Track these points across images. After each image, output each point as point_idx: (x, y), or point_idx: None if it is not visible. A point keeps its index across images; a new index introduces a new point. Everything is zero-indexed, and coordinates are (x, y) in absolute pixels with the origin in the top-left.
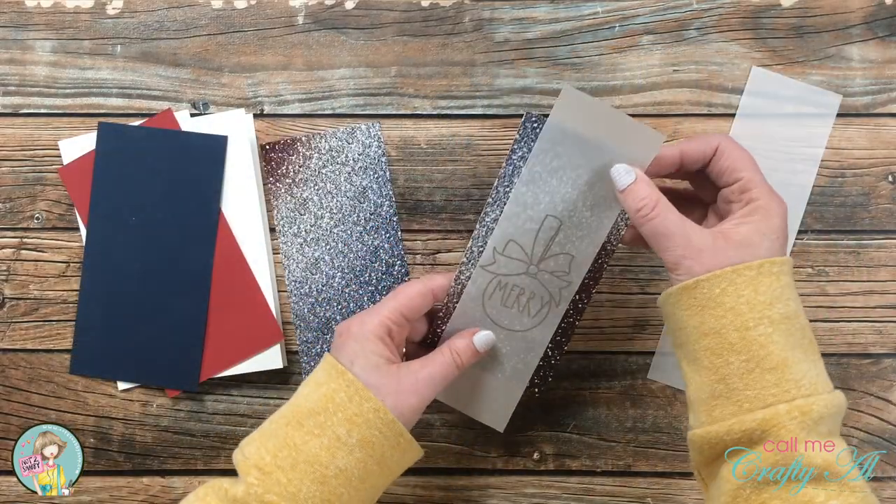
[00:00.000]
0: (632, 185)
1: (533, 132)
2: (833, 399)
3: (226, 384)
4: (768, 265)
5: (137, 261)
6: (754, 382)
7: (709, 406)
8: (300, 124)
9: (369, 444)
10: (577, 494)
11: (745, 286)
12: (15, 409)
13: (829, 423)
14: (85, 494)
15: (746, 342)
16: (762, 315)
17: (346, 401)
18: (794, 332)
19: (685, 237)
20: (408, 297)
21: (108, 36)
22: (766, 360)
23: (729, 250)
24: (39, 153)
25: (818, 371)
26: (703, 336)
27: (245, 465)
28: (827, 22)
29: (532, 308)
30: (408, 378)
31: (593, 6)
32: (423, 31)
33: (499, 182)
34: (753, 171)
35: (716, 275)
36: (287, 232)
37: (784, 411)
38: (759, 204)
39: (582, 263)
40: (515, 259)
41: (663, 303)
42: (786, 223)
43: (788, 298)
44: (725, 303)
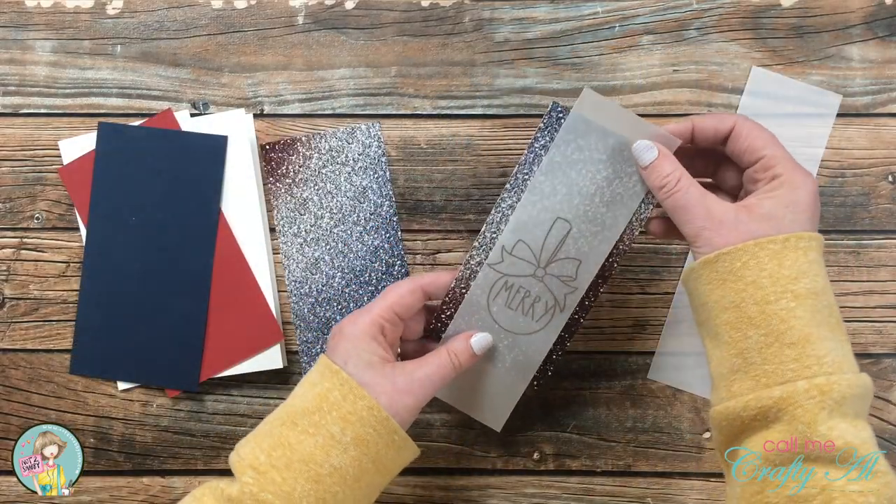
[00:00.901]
0: (655, 161)
1: (557, 122)
2: (858, 380)
3: (226, 384)
4: (794, 239)
5: (137, 261)
6: (773, 357)
7: (728, 381)
8: (300, 124)
9: (363, 443)
10: (577, 494)
11: (768, 260)
12: (15, 409)
13: (854, 405)
14: (85, 494)
15: (766, 316)
16: (785, 289)
17: (341, 399)
18: (821, 309)
19: (706, 209)
20: (398, 295)
21: (108, 36)
22: (786, 334)
23: (751, 223)
24: (39, 153)
25: (845, 351)
26: (724, 310)
27: (240, 465)
28: (827, 22)
29: (536, 311)
30: (403, 378)
31: (593, 6)
32: (423, 31)
33: (518, 169)
34: (775, 147)
35: (737, 248)
36: (287, 232)
37: (803, 389)
38: (784, 179)
39: (590, 269)
40: (523, 260)
41: (685, 279)
42: (815, 198)
43: (816, 274)
44: (746, 276)
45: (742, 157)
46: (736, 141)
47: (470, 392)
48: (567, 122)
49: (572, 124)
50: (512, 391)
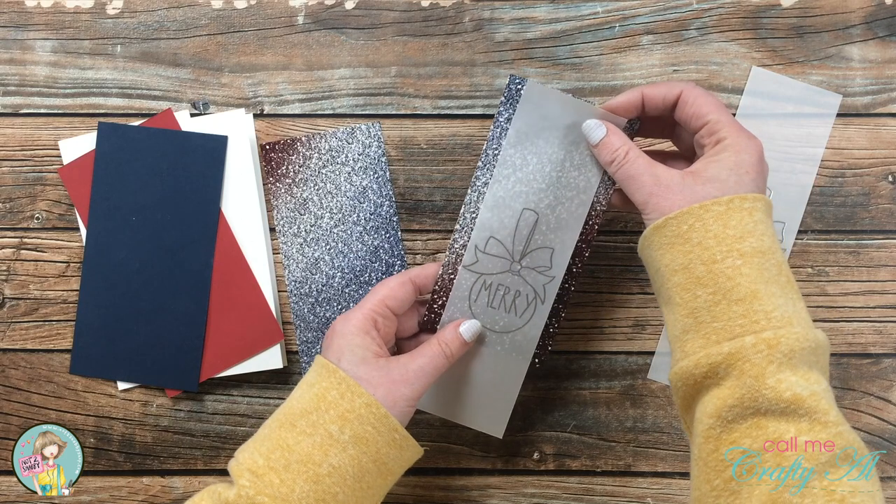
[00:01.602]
0: (604, 138)
1: (517, 94)
2: (807, 333)
3: (226, 384)
4: (739, 200)
5: (137, 261)
6: (721, 314)
7: (681, 342)
8: (300, 124)
9: (363, 441)
10: (577, 494)
11: (713, 221)
12: (15, 409)
13: (806, 357)
14: (85, 494)
15: (713, 275)
16: (731, 248)
17: (338, 398)
18: (769, 268)
19: (653, 176)
20: (389, 289)
21: (108, 36)
22: (733, 291)
23: (696, 186)
24: (39, 153)
25: (796, 308)
26: (674, 273)
27: (238, 469)
28: (827, 22)
29: (518, 307)
30: (398, 370)
31: (593, 6)
32: (423, 31)
33: (487, 145)
34: (719, 113)
35: (683, 211)
36: (287, 232)
37: (750, 344)
38: (728, 143)
39: (563, 253)
40: (497, 257)
41: (640, 248)
42: (759, 160)
43: (763, 234)
44: (693, 238)
45: (689, 123)
46: (683, 107)
47: (465, 402)
48: (526, 92)
49: (533, 94)
50: (506, 395)
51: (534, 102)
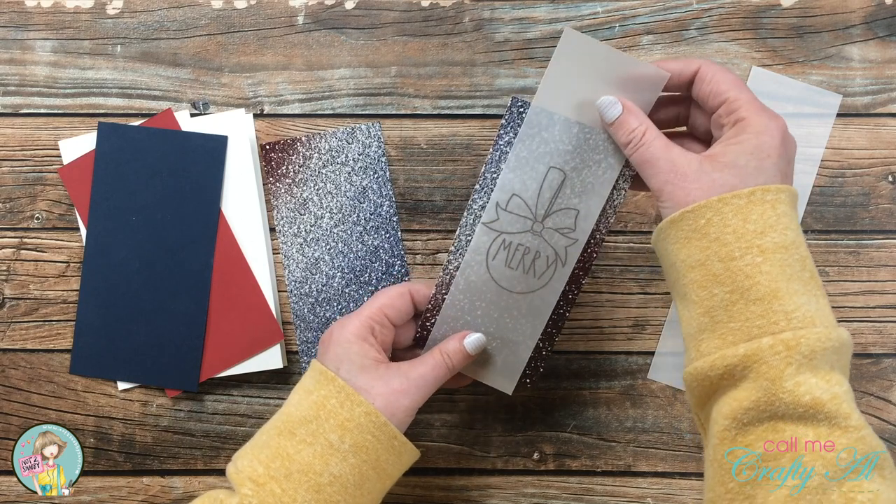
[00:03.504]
0: (620, 117)
1: (519, 117)
2: (830, 333)
3: (226, 384)
4: (761, 192)
5: (137, 261)
6: (738, 314)
7: (697, 341)
8: (300, 124)
9: (363, 449)
10: (577, 494)
11: (732, 215)
12: (15, 409)
13: (828, 357)
14: (85, 494)
15: (731, 272)
16: (750, 244)
17: (338, 406)
18: (792, 263)
19: (670, 162)
20: (388, 297)
21: (108, 36)
22: (751, 290)
23: (714, 173)
24: (39, 153)
25: (819, 305)
26: (690, 269)
27: (238, 477)
28: (827, 22)
29: (538, 268)
30: (398, 379)
31: (593, 6)
32: (423, 31)
33: (486, 168)
34: (739, 90)
35: (700, 205)
36: (287, 232)
37: (767, 345)
38: (747, 122)
39: (588, 218)
40: (519, 215)
41: (654, 241)
42: (782, 141)
43: (786, 227)
44: (710, 233)
45: (707, 102)
46: (700, 84)
47: (478, 357)
48: (529, 115)
49: (534, 118)
50: (519, 354)
51: (538, 125)
